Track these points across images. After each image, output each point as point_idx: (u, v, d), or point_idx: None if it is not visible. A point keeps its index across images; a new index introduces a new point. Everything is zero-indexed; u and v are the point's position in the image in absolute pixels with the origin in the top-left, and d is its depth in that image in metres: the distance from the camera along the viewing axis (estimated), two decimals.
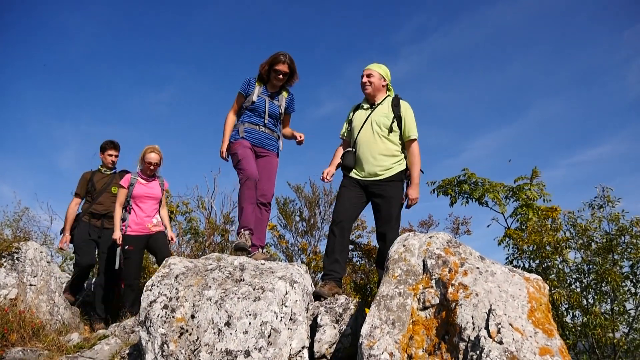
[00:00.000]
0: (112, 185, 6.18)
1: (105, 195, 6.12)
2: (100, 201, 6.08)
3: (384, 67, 4.72)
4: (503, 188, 7.93)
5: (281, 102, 4.97)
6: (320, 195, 10.42)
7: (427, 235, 3.18)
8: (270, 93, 4.91)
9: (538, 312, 2.49)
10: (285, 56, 4.82)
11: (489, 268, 2.77)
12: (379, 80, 4.64)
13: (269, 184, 4.83)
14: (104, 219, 6.06)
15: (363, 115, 4.67)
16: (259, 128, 4.82)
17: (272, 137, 4.93)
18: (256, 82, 4.89)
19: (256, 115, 4.85)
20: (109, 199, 6.09)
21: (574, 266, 6.62)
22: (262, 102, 4.83)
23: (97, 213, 6.05)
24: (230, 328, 3.25)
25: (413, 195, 4.49)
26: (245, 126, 4.81)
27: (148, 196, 5.68)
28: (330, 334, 3.50)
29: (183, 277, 3.67)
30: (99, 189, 6.12)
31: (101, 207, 6.08)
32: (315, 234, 10.16)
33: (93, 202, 6.07)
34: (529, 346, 2.26)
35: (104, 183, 6.18)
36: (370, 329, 2.69)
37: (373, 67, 4.67)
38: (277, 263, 3.96)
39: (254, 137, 4.80)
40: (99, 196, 6.10)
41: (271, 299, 3.37)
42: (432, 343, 2.59)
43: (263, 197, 4.75)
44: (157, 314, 3.40)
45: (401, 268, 2.98)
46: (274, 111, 4.91)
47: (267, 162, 4.86)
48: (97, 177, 6.20)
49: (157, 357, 3.27)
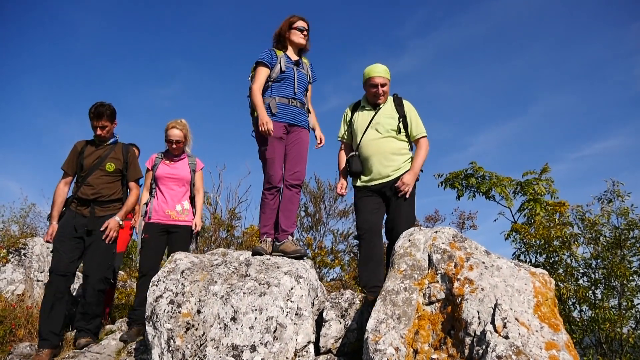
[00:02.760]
0: (107, 161, 4.74)
1: (97, 174, 4.70)
2: (89, 182, 4.67)
3: (387, 69, 4.34)
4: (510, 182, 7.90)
5: (307, 70, 4.60)
6: (325, 191, 10.43)
7: (432, 230, 3.17)
8: (294, 61, 4.49)
9: (544, 307, 2.47)
10: (301, 17, 4.53)
11: (494, 263, 2.76)
12: (388, 86, 4.32)
13: (300, 163, 4.42)
14: (95, 206, 4.67)
15: (366, 117, 4.36)
16: (291, 102, 4.37)
17: (303, 110, 4.50)
18: (277, 52, 4.45)
19: (286, 86, 4.39)
20: (102, 179, 4.71)
21: (582, 261, 6.59)
22: (291, 72, 4.40)
23: (84, 198, 4.64)
24: (236, 323, 3.25)
25: (407, 180, 4.11)
26: (276, 100, 4.34)
27: (171, 177, 4.97)
28: (336, 329, 3.50)
29: (189, 273, 3.68)
30: (87, 166, 4.70)
31: (90, 189, 4.66)
32: (320, 229, 10.18)
33: (81, 184, 4.70)
34: (535, 341, 2.24)
35: (96, 157, 4.75)
36: (376, 324, 2.69)
37: (385, 75, 4.28)
38: (282, 259, 3.95)
39: (287, 114, 4.35)
40: (89, 175, 4.68)
41: (277, 294, 3.38)
42: (438, 338, 2.58)
43: (292, 177, 4.37)
44: (163, 309, 3.41)
45: (407, 263, 2.97)
46: (302, 80, 4.50)
47: (297, 139, 4.42)
48: (89, 150, 4.75)
49: (163, 352, 3.28)
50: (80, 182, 4.69)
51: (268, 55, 4.38)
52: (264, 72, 4.35)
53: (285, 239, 4.26)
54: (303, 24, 4.50)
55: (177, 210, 4.93)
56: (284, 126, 4.33)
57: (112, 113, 4.74)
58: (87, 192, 4.65)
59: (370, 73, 4.27)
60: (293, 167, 4.36)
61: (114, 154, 4.79)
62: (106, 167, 4.72)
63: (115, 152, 4.81)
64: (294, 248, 4.13)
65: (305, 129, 4.48)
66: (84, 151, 4.73)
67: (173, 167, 5.01)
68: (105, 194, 4.71)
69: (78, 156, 4.73)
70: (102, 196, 4.69)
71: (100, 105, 4.65)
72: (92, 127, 4.70)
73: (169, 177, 4.98)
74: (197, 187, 5.10)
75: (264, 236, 4.33)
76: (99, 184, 4.70)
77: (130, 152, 4.89)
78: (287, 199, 4.37)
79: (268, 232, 4.35)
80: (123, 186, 4.85)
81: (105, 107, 4.67)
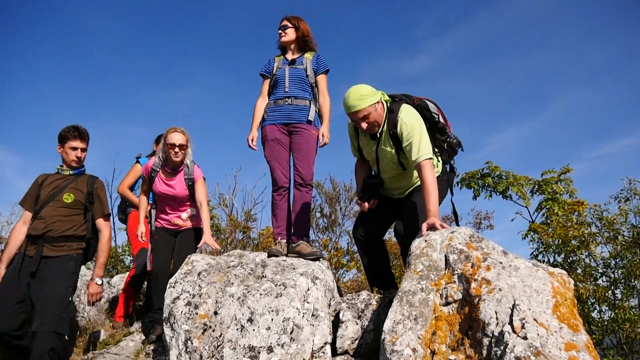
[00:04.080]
0: (65, 191, 4.08)
1: (52, 205, 4.02)
2: (41, 215, 3.99)
3: (365, 91, 3.59)
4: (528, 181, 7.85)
5: (306, 64, 4.55)
6: (340, 192, 10.42)
7: (449, 230, 3.15)
8: (289, 60, 4.59)
9: (563, 307, 2.45)
10: (286, 17, 4.65)
11: (512, 263, 2.73)
12: (376, 111, 3.60)
13: (306, 163, 4.37)
14: (44, 243, 3.94)
15: (371, 147, 3.86)
16: (285, 102, 4.43)
17: (301, 105, 4.45)
18: (275, 58, 4.68)
19: (279, 87, 4.52)
20: (56, 211, 4.02)
21: (600, 260, 6.51)
22: (282, 72, 4.53)
23: (33, 234, 3.95)
24: (253, 324, 3.26)
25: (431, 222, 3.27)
26: (270, 105, 4.51)
27: (168, 196, 4.56)
28: (353, 330, 3.49)
29: (205, 274, 3.70)
30: (43, 198, 4.06)
31: (41, 223, 3.96)
32: (336, 230, 10.17)
33: (35, 218, 4.03)
34: (554, 341, 2.22)
35: (54, 188, 4.11)
36: (393, 325, 2.68)
37: (360, 105, 3.54)
38: (298, 260, 3.96)
39: (280, 113, 4.44)
40: (42, 207, 4.02)
41: (293, 295, 3.38)
42: (456, 339, 2.56)
43: (299, 177, 4.36)
44: (180, 311, 3.44)
45: (423, 263, 2.96)
46: (297, 75, 4.50)
47: (301, 139, 4.40)
48: (49, 181, 4.16)
49: (181, 353, 3.30)
50: (34, 217, 4.02)
51: (265, 66, 4.69)
52: (265, 83, 4.65)
53: (300, 241, 4.26)
54: (283, 22, 4.64)
55: (182, 219, 4.65)
56: (277, 127, 4.43)
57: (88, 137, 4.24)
58: (38, 226, 3.94)
59: (345, 110, 3.65)
60: (298, 167, 4.38)
61: (75, 185, 4.15)
62: (63, 198, 4.03)
63: (77, 183, 4.16)
64: (310, 250, 4.13)
65: (305, 125, 4.42)
66: (43, 183, 4.11)
67: (169, 184, 4.53)
68: (57, 228, 3.96)
69: (37, 190, 4.09)
70: (52, 231, 3.95)
71: (78, 126, 4.14)
72: (65, 150, 4.11)
73: (164, 195, 4.56)
74: (199, 199, 4.49)
75: (278, 237, 4.36)
76: (52, 217, 3.98)
77: (98, 184, 4.27)
78: (298, 199, 4.38)
79: (281, 233, 4.38)
80: (85, 222, 4.14)
81: (83, 130, 4.16)
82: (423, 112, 3.74)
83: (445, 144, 3.89)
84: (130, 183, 5.45)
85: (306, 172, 4.36)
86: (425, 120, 3.71)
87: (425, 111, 3.76)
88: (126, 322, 5.12)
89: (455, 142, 3.92)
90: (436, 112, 3.82)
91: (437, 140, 3.86)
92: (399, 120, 3.59)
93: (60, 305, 3.81)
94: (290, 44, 4.64)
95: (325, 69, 4.61)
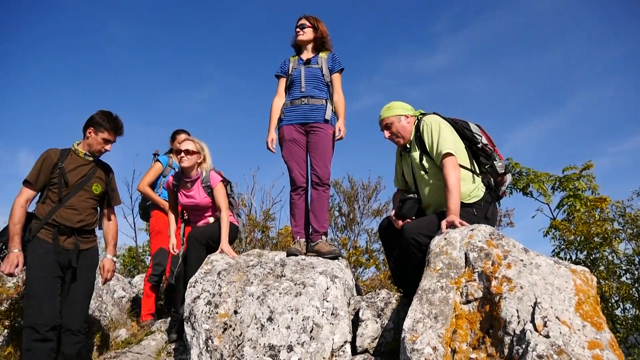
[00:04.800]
0: (93, 181, 3.88)
1: (82, 195, 3.79)
2: (72, 203, 3.72)
3: (394, 104, 3.89)
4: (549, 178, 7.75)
5: (321, 64, 4.56)
6: (358, 190, 10.40)
7: (468, 227, 3.12)
8: (304, 60, 4.61)
9: (586, 305, 2.41)
10: (303, 15, 4.65)
11: (533, 260, 2.70)
12: (400, 122, 3.78)
13: (322, 162, 4.38)
14: (78, 237, 3.77)
15: (408, 168, 3.89)
16: (301, 101, 4.45)
17: (317, 104, 4.46)
18: (290, 58, 4.70)
19: (295, 88, 4.54)
20: (87, 203, 3.83)
21: (624, 257, 6.41)
22: (297, 72, 4.55)
23: (67, 226, 3.69)
24: (273, 323, 3.28)
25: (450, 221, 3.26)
26: (287, 105, 4.53)
27: (192, 206, 4.62)
28: (373, 329, 3.48)
29: (225, 274, 3.72)
30: (72, 183, 3.75)
31: (76, 215, 3.74)
32: (354, 229, 10.16)
33: (60, 204, 3.68)
34: (577, 340, 2.19)
35: (82, 175, 3.83)
36: (413, 323, 2.67)
37: (386, 115, 3.83)
38: (317, 259, 3.96)
39: (297, 113, 4.45)
40: (72, 195, 3.73)
41: (312, 294, 3.38)
42: (476, 337, 2.54)
43: (316, 177, 4.37)
44: (201, 310, 3.46)
45: (443, 261, 2.94)
46: (313, 75, 4.52)
47: (317, 138, 4.42)
48: (71, 163, 3.80)
49: (202, 352, 3.32)
50: (58, 202, 3.68)
51: (280, 67, 4.70)
52: (281, 83, 4.67)
53: (318, 239, 4.27)
54: (301, 21, 4.64)
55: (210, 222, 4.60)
56: (294, 127, 4.45)
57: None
58: (72, 217, 3.71)
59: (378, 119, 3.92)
60: (315, 167, 4.38)
61: (99, 174, 3.95)
62: (92, 188, 3.85)
63: (99, 172, 3.96)
64: (329, 248, 4.13)
65: (322, 124, 4.43)
66: (61, 164, 3.73)
67: (189, 195, 4.56)
68: (89, 220, 3.84)
69: (52, 169, 3.71)
70: (86, 224, 3.81)
71: (118, 117, 3.93)
72: (96, 138, 3.84)
73: (190, 206, 4.61)
74: (218, 204, 4.46)
75: (297, 237, 4.38)
76: (85, 209, 3.81)
77: (112, 173, 4.13)
78: (315, 199, 4.39)
79: (299, 232, 4.40)
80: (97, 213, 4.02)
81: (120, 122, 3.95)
82: (463, 131, 3.70)
83: (487, 167, 3.71)
84: (150, 181, 5.47)
85: (323, 171, 4.36)
86: (465, 139, 3.69)
87: (466, 130, 3.71)
88: (154, 319, 5.17)
89: (500, 165, 3.72)
90: (479, 133, 3.72)
91: (481, 165, 3.73)
92: (422, 123, 3.71)
93: (89, 301, 3.85)
94: (307, 43, 4.65)
95: (340, 67, 4.62)
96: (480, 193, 3.62)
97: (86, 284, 3.78)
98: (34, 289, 3.45)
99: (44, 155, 3.71)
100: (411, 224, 3.56)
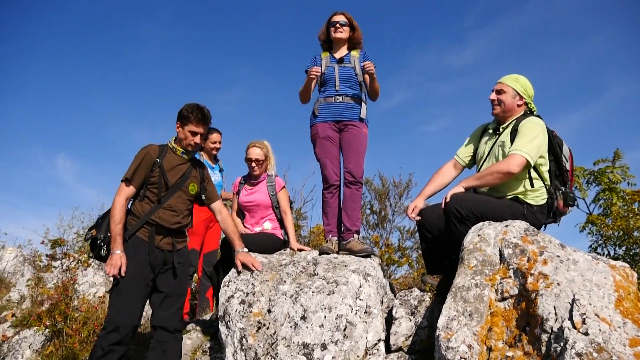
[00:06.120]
0: (190, 181, 3.76)
1: (179, 196, 3.70)
2: (170, 205, 3.64)
3: (522, 79, 3.64)
4: (583, 172, 7.59)
5: (354, 63, 4.49)
6: (390, 188, 10.36)
7: (502, 224, 3.08)
8: (337, 58, 4.52)
9: (626, 302, 2.36)
10: (340, 11, 4.49)
11: (570, 256, 2.65)
12: (513, 98, 3.58)
13: (356, 161, 4.35)
14: (174, 238, 3.70)
15: (488, 143, 3.72)
16: (336, 99, 4.40)
17: (352, 103, 4.42)
18: (321, 55, 4.59)
19: (329, 86, 4.47)
20: (184, 204, 3.74)
21: None
22: (331, 70, 4.46)
23: (165, 226, 3.62)
24: (306, 322, 3.29)
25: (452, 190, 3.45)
26: (320, 102, 4.47)
27: (250, 204, 4.60)
28: (406, 327, 3.47)
29: (258, 273, 3.75)
30: (172, 183, 3.66)
31: (173, 216, 3.66)
32: (386, 227, 10.11)
33: (159, 205, 3.61)
34: (618, 337, 2.14)
35: (180, 175, 3.73)
36: (447, 321, 2.65)
37: (506, 81, 3.63)
38: (350, 257, 3.96)
39: (331, 112, 4.41)
40: (170, 196, 3.66)
41: (345, 292, 3.38)
42: (513, 335, 2.51)
43: (349, 175, 4.33)
44: (235, 309, 3.50)
45: (477, 258, 2.91)
46: (347, 74, 4.46)
47: (351, 136, 4.39)
48: (169, 162, 3.70)
49: (236, 350, 3.36)
50: (157, 202, 3.62)
51: (311, 62, 4.57)
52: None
53: (351, 238, 4.25)
54: (339, 17, 4.49)
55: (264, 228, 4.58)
56: (329, 125, 4.41)
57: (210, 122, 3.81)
58: (170, 219, 3.64)
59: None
60: (348, 165, 4.35)
61: (195, 172, 3.83)
62: (189, 189, 3.75)
63: (195, 170, 3.84)
64: (361, 247, 4.11)
65: (357, 122, 4.42)
66: (159, 162, 3.63)
67: (250, 192, 4.61)
68: (184, 222, 3.77)
69: (151, 167, 3.61)
70: (183, 226, 3.76)
71: (204, 107, 3.73)
72: (184, 132, 3.68)
73: (248, 203, 4.61)
74: (283, 209, 4.56)
75: (329, 235, 4.37)
76: (182, 210, 3.73)
77: (205, 168, 4.01)
78: (348, 197, 4.36)
79: (332, 230, 4.39)
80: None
81: (207, 112, 3.74)
82: (555, 147, 3.55)
83: (559, 193, 3.55)
84: None
85: (357, 169, 4.35)
86: (553, 154, 3.56)
87: (558, 147, 3.57)
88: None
89: (570, 197, 3.56)
90: (567, 156, 3.61)
91: (553, 184, 3.57)
92: (527, 119, 3.51)
93: (184, 299, 3.81)
94: (344, 42, 4.55)
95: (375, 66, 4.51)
96: (541, 202, 3.47)
97: (180, 282, 3.72)
98: (123, 289, 3.42)
99: (143, 152, 3.61)
100: (457, 195, 3.45)
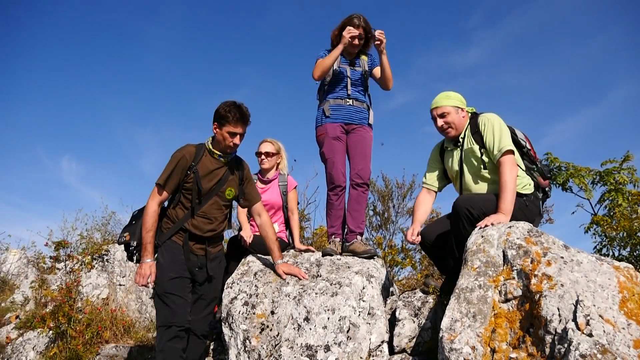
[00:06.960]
0: (227, 186, 3.62)
1: (215, 202, 3.58)
2: (204, 212, 3.53)
3: (452, 93, 3.72)
4: (589, 172, 7.55)
5: (363, 67, 4.51)
6: (393, 189, 10.33)
7: (506, 225, 3.07)
8: (349, 61, 4.49)
9: (631, 303, 2.34)
10: (359, 19, 4.32)
11: (574, 257, 2.64)
12: (457, 114, 3.64)
13: (364, 162, 4.36)
14: (209, 245, 3.63)
15: (455, 159, 3.73)
16: (346, 102, 4.39)
17: (361, 108, 4.45)
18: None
19: (340, 87, 4.44)
20: (220, 211, 3.63)
21: None
22: (343, 71, 4.41)
23: (199, 235, 3.54)
24: (310, 323, 3.28)
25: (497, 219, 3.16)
26: (330, 103, 4.41)
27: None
28: (410, 328, 3.46)
29: (262, 274, 3.75)
30: (206, 189, 3.52)
31: (207, 224, 3.57)
32: (389, 228, 10.09)
33: (193, 212, 3.50)
34: (622, 338, 2.13)
35: (216, 181, 3.58)
36: (451, 323, 2.64)
37: (442, 103, 3.65)
38: (353, 258, 3.95)
39: (342, 114, 4.38)
40: (205, 202, 3.53)
41: (348, 293, 3.38)
42: (516, 336, 2.50)
43: (357, 177, 4.33)
44: (238, 311, 3.50)
45: (480, 259, 2.90)
46: (358, 78, 4.47)
47: (359, 138, 4.40)
48: (207, 167, 3.54)
49: (240, 352, 3.36)
50: (191, 209, 3.50)
51: (324, 53, 4.45)
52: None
53: (354, 239, 4.25)
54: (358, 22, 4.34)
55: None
56: (339, 126, 4.38)
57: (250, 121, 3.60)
58: (203, 227, 3.54)
59: (431, 106, 3.73)
60: (356, 166, 4.35)
61: (233, 176, 3.67)
62: (225, 194, 3.61)
63: (232, 173, 3.67)
64: (365, 248, 4.11)
65: (365, 127, 4.45)
66: (196, 164, 3.48)
67: (262, 191, 4.49)
68: (219, 229, 3.66)
69: (186, 172, 3.47)
70: (217, 233, 3.67)
71: (242, 105, 3.49)
72: (222, 133, 3.47)
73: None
74: (291, 208, 4.60)
75: (332, 237, 4.36)
76: (218, 217, 3.61)
77: (246, 168, 3.82)
78: (354, 198, 4.35)
79: (336, 232, 4.37)
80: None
81: (247, 111, 3.52)
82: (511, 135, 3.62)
83: (534, 172, 3.68)
84: None
85: (365, 171, 4.36)
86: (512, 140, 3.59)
87: (512, 134, 3.64)
88: None
89: (545, 170, 3.74)
90: (523, 139, 3.70)
91: (527, 169, 3.66)
92: (481, 118, 3.61)
93: (215, 305, 3.74)
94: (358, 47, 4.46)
95: (377, 66, 4.53)
96: (531, 189, 3.55)
97: (214, 287, 3.67)
98: (167, 289, 3.35)
99: (178, 156, 3.46)
100: (464, 197, 3.47)
